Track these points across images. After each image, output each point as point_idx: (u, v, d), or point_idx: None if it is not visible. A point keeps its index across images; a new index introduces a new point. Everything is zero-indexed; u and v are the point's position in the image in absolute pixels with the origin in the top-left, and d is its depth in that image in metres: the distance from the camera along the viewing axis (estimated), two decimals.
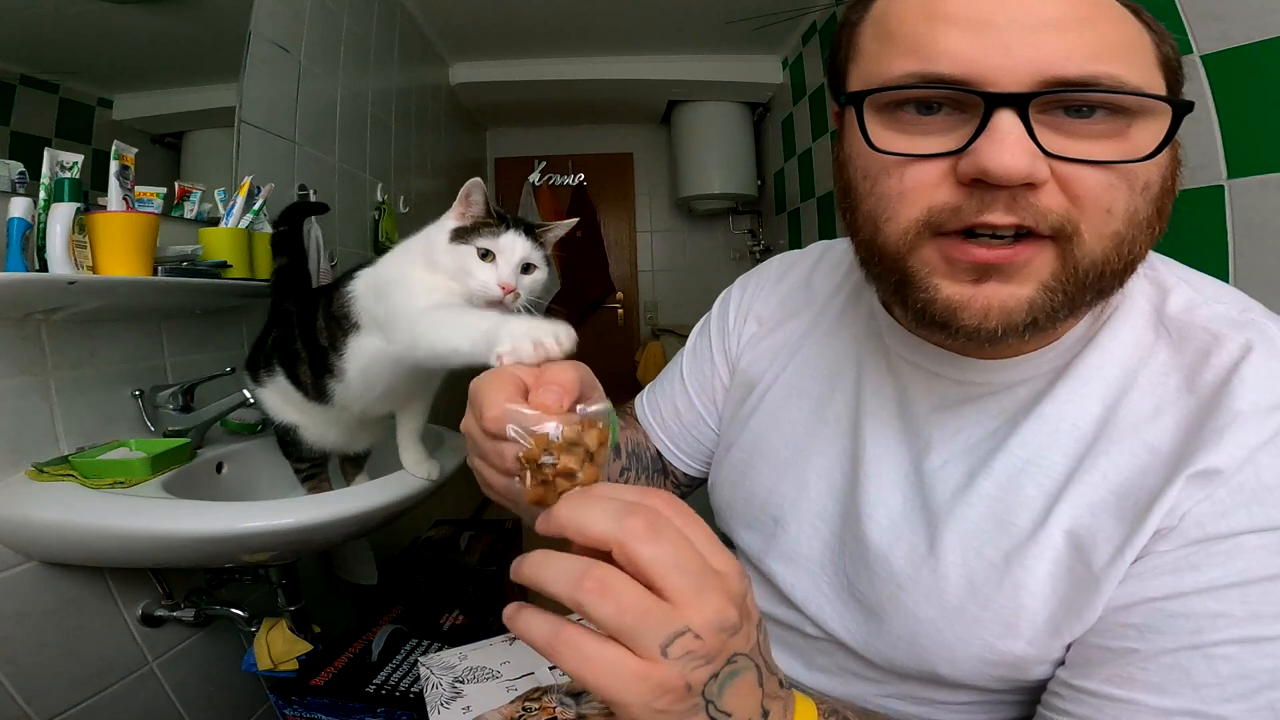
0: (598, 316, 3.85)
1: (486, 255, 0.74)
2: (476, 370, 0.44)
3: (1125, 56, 0.39)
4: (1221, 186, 0.96)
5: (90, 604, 0.93)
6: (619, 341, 3.84)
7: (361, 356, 0.81)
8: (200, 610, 1.03)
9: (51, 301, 0.84)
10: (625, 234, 3.91)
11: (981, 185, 0.39)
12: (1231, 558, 0.39)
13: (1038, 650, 0.44)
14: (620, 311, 3.90)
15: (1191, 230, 1.01)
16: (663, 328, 3.47)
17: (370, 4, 1.97)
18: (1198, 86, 0.98)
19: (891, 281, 0.45)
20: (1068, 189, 0.39)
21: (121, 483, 0.85)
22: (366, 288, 0.81)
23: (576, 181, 3.68)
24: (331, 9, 1.72)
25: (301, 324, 0.92)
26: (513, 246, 0.75)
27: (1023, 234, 0.40)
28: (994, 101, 0.38)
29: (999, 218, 0.39)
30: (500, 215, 0.77)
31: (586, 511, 0.33)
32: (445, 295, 0.74)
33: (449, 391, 0.88)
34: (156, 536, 0.78)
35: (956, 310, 0.41)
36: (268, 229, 1.22)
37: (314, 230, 1.50)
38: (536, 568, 0.32)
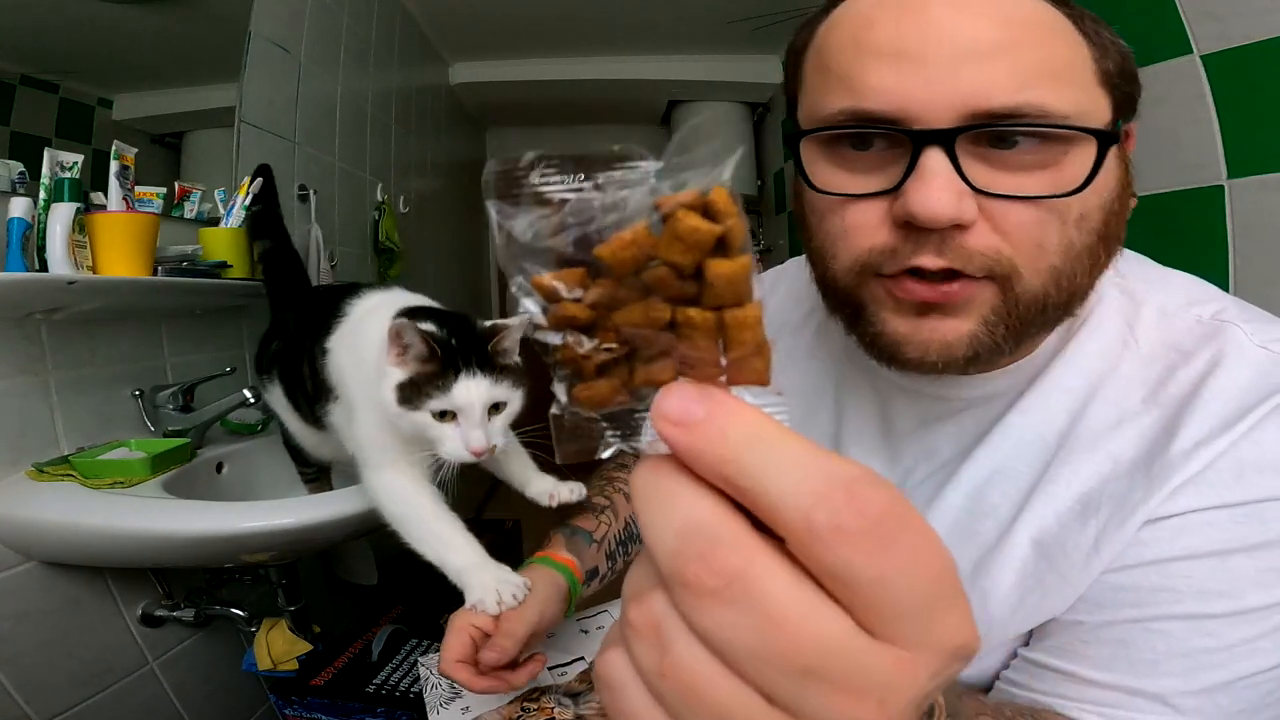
0: None
1: (445, 415, 0.63)
2: None
3: (1054, 81, 0.37)
4: (1221, 186, 0.96)
5: (90, 604, 0.93)
6: None
7: (344, 424, 0.77)
8: (200, 610, 1.03)
9: (51, 301, 0.84)
10: None
11: (914, 227, 0.38)
12: (1179, 535, 0.39)
13: (999, 642, 0.45)
14: None
15: (1191, 230, 1.01)
16: None
17: (370, 4, 1.97)
18: (1198, 86, 0.98)
19: (845, 314, 0.45)
20: (998, 226, 0.38)
21: (121, 483, 0.85)
22: (339, 369, 0.75)
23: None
24: (331, 9, 1.72)
25: (294, 351, 0.87)
26: (471, 399, 0.62)
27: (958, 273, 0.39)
28: (920, 140, 0.37)
29: (930, 261, 0.39)
30: (444, 348, 0.62)
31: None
32: (407, 449, 0.68)
33: None
34: (156, 536, 0.78)
35: (900, 344, 0.42)
36: None
37: (314, 230, 1.50)
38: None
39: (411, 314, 0.66)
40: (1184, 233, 1.03)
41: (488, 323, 0.67)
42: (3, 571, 0.82)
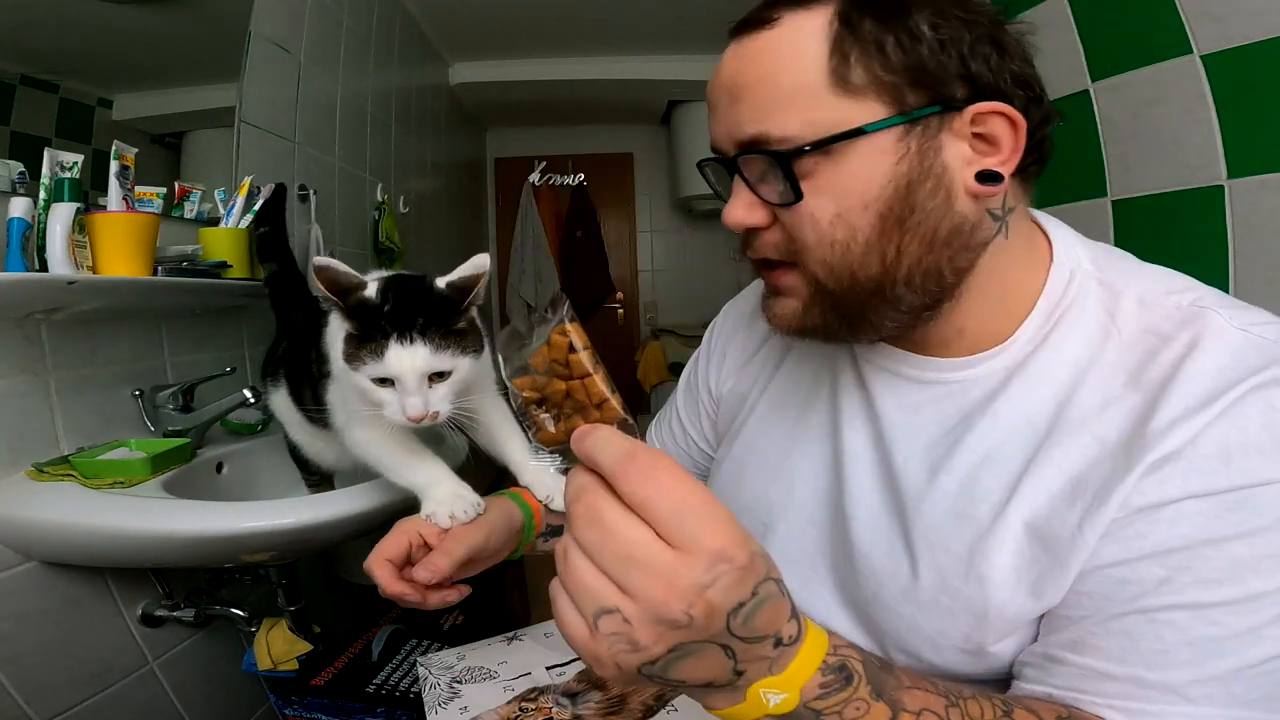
0: (598, 316, 3.85)
1: (384, 381, 0.60)
2: None
3: (775, 109, 0.45)
4: (1221, 186, 0.96)
5: (90, 604, 0.93)
6: (619, 341, 3.84)
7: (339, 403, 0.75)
8: (200, 610, 1.03)
9: (51, 301, 0.84)
10: (625, 234, 3.91)
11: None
12: (1175, 524, 0.40)
13: (1010, 640, 0.46)
14: (620, 311, 3.90)
15: (1191, 230, 1.01)
16: (662, 328, 3.47)
17: (370, 4, 1.97)
18: (1198, 86, 0.98)
19: None
20: (784, 226, 0.48)
21: (121, 483, 0.85)
22: (330, 338, 0.71)
23: (576, 181, 3.67)
24: (331, 9, 1.72)
25: (300, 345, 0.85)
26: (404, 367, 0.59)
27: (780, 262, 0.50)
28: (725, 165, 0.49)
29: (751, 254, 0.51)
30: (383, 310, 0.59)
31: (601, 447, 0.33)
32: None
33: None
34: (156, 536, 0.78)
35: (767, 314, 0.53)
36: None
37: (314, 230, 1.50)
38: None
39: (383, 280, 0.63)
40: (1184, 233, 1.03)
41: (442, 281, 0.62)
42: (3, 571, 0.82)
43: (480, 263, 0.61)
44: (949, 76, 0.43)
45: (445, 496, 0.63)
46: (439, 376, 0.61)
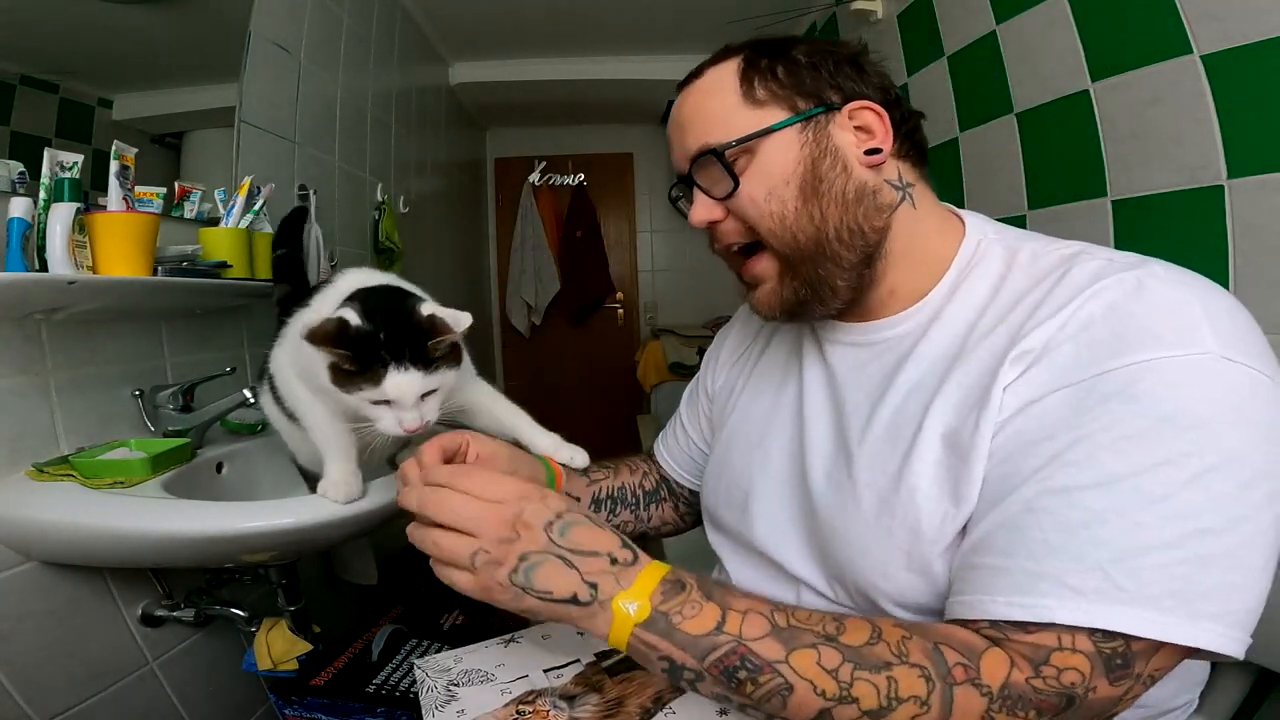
0: (598, 316, 3.85)
1: (378, 402, 0.64)
2: None
3: (710, 127, 0.60)
4: (1221, 186, 0.96)
5: (90, 604, 0.93)
6: (619, 341, 3.84)
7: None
8: (200, 610, 1.03)
9: (51, 301, 0.84)
10: (625, 234, 3.91)
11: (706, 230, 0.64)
12: (1043, 416, 0.46)
13: (939, 546, 0.50)
14: (620, 311, 3.90)
15: (1191, 230, 1.01)
16: (663, 328, 3.47)
17: (370, 4, 1.97)
18: (1198, 86, 0.98)
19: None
20: (737, 216, 0.61)
21: (121, 483, 0.85)
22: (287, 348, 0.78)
23: (576, 181, 3.68)
24: (331, 9, 1.72)
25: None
26: (402, 392, 0.63)
27: (751, 250, 0.62)
28: (683, 181, 0.64)
29: (717, 246, 0.65)
30: (379, 340, 0.62)
31: (424, 509, 0.51)
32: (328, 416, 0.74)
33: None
34: (156, 536, 0.78)
35: (753, 306, 0.65)
36: (268, 229, 1.22)
37: (314, 230, 1.50)
38: (417, 534, 0.52)
39: (359, 297, 0.66)
40: (1184, 233, 1.03)
41: (426, 312, 0.65)
42: (3, 571, 0.82)
43: (461, 320, 0.66)
44: (824, 86, 0.59)
45: (339, 478, 0.75)
46: (429, 393, 0.66)
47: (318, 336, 0.61)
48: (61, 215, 0.82)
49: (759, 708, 0.45)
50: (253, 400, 1.02)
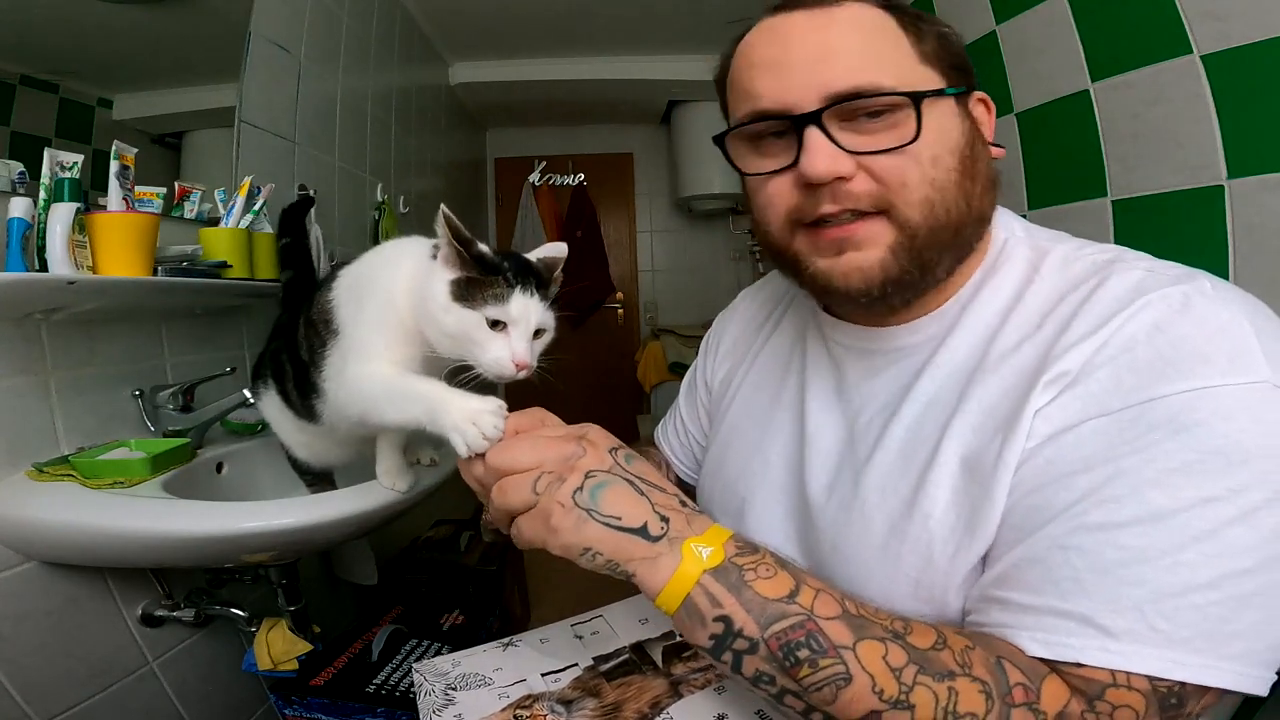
0: (598, 316, 3.85)
1: (496, 324, 0.62)
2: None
3: (880, 66, 0.50)
4: (1221, 186, 0.96)
5: (90, 604, 0.93)
6: (619, 341, 3.84)
7: (337, 369, 0.72)
8: (200, 610, 1.03)
9: (51, 301, 0.84)
10: (625, 234, 3.91)
11: (813, 186, 0.51)
12: (1078, 447, 0.43)
13: (954, 578, 0.48)
14: (620, 311, 3.90)
15: (1191, 230, 1.01)
16: (663, 328, 3.47)
17: (370, 4, 1.97)
18: (1198, 86, 0.98)
19: (787, 266, 0.57)
20: (871, 174, 0.50)
21: (121, 483, 0.85)
22: (347, 291, 0.72)
23: (576, 181, 3.67)
24: (331, 9, 1.72)
25: (288, 336, 0.84)
26: (526, 315, 0.62)
27: (859, 214, 0.51)
28: (800, 122, 0.50)
29: (828, 208, 0.52)
30: (504, 265, 0.63)
31: (500, 460, 0.49)
32: (413, 351, 0.66)
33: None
34: (156, 536, 0.78)
35: (829, 278, 0.53)
36: (268, 229, 1.22)
37: (314, 230, 1.50)
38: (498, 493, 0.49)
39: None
40: (1184, 233, 1.03)
41: (533, 256, 0.67)
42: (3, 571, 0.82)
43: (560, 247, 0.67)
44: (965, 67, 0.54)
45: (460, 420, 0.53)
46: (536, 334, 0.64)
47: (457, 237, 0.62)
48: (61, 215, 0.81)
49: (804, 696, 0.41)
50: (253, 400, 1.02)
